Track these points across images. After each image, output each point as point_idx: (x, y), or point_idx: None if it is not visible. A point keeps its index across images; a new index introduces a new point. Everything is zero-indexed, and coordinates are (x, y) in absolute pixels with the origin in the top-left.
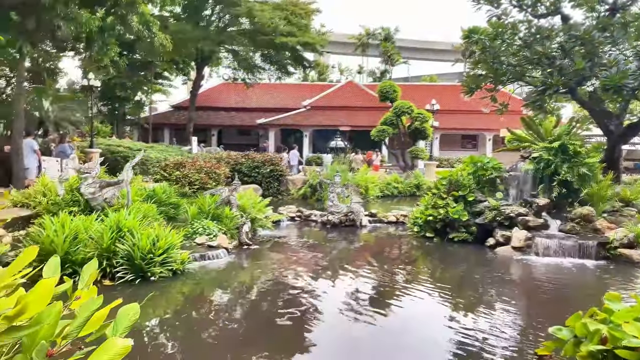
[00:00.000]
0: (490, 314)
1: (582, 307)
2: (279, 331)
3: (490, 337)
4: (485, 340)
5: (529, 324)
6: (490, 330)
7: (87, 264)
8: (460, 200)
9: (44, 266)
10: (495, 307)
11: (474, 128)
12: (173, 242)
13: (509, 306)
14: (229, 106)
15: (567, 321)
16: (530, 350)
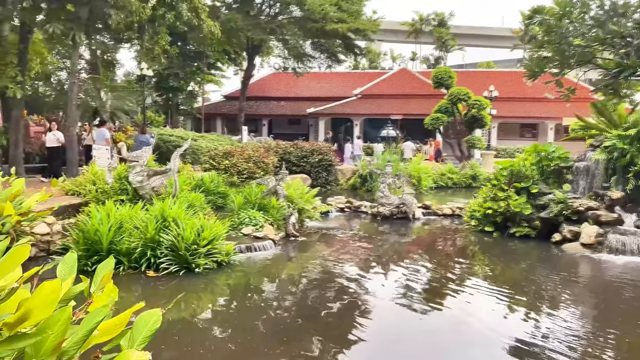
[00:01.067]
0: (554, 318)
1: None
2: (328, 323)
3: (551, 343)
4: (546, 346)
5: (599, 331)
6: (552, 336)
7: (103, 262)
8: (522, 193)
9: (60, 263)
10: (560, 310)
11: (535, 116)
12: (218, 232)
13: (577, 309)
14: (279, 96)
15: None
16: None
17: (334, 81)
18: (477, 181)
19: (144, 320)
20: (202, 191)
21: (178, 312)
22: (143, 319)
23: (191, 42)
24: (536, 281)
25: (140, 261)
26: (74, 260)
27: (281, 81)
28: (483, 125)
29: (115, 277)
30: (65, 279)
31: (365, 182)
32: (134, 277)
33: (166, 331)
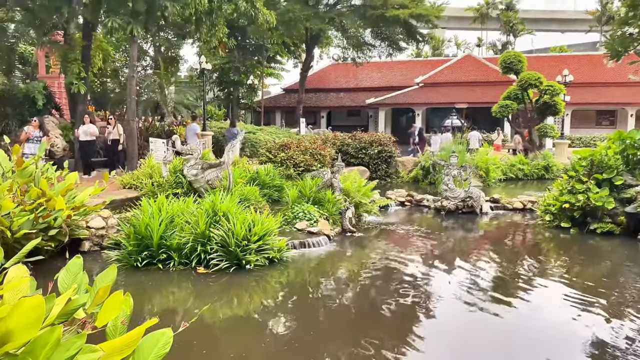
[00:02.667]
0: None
1: None
2: (388, 322)
3: (635, 349)
4: (628, 352)
5: None
6: (632, 345)
7: (104, 271)
8: (604, 185)
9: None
10: None
11: (614, 102)
12: (270, 227)
13: None
14: (338, 87)
15: None
16: None
17: (395, 70)
18: (550, 172)
19: (150, 343)
20: (257, 184)
21: (230, 309)
22: (149, 341)
23: (250, 36)
24: (620, 283)
25: (190, 257)
26: (79, 267)
27: (340, 72)
28: (556, 112)
29: (165, 273)
30: (67, 289)
31: (427, 174)
32: (184, 273)
33: (219, 330)
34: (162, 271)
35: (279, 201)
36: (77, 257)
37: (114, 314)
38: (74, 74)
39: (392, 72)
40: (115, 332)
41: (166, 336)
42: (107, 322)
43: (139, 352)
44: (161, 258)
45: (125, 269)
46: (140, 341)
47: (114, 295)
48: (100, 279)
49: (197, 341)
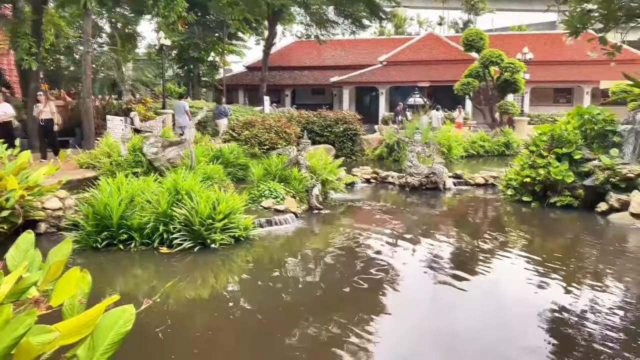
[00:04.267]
0: (597, 294)
1: None
2: (356, 297)
3: (590, 320)
4: (584, 324)
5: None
6: (592, 313)
7: (57, 246)
8: (564, 159)
9: None
10: (605, 286)
11: (571, 80)
12: (235, 206)
13: (622, 283)
14: (302, 65)
15: None
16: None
17: (359, 48)
18: (510, 149)
19: (111, 321)
20: (221, 163)
21: (196, 289)
22: (109, 319)
23: (211, 12)
24: (579, 254)
25: (152, 237)
26: (29, 243)
27: (304, 50)
28: (516, 90)
29: (127, 254)
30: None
31: (392, 151)
32: (146, 253)
33: (185, 310)
34: (123, 252)
35: (244, 180)
36: (27, 232)
37: (69, 292)
38: (24, 50)
39: (355, 50)
40: (72, 311)
41: (127, 313)
42: (64, 301)
43: (98, 330)
44: (122, 238)
45: (84, 250)
46: (99, 319)
47: (69, 272)
48: (54, 253)
49: (163, 321)
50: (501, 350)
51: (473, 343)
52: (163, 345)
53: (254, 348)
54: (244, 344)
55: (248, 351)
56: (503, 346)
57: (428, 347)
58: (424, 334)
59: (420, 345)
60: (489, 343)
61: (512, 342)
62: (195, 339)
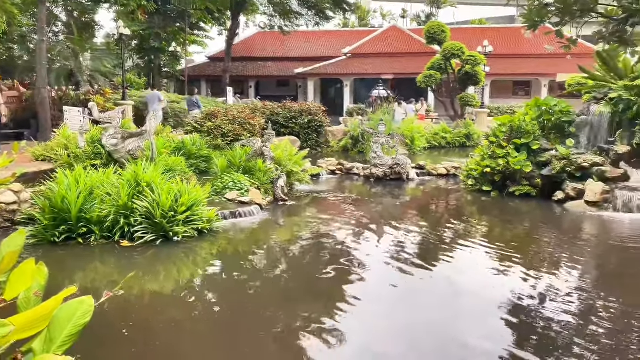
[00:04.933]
0: (555, 279)
1: None
2: (321, 288)
3: (547, 306)
4: (541, 310)
5: (600, 292)
6: (549, 299)
7: (10, 236)
8: (522, 149)
9: None
10: (562, 271)
11: (529, 73)
12: (198, 198)
13: (579, 270)
14: (266, 56)
15: None
16: (597, 321)
17: (323, 40)
18: (471, 140)
19: (68, 313)
20: (183, 155)
21: (158, 282)
22: (66, 311)
23: (172, 1)
24: (536, 241)
25: (113, 230)
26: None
27: (268, 41)
28: (477, 82)
29: (86, 248)
30: None
31: (357, 143)
32: (107, 247)
33: (147, 303)
34: (82, 246)
35: (207, 172)
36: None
37: (25, 284)
38: None
39: (320, 42)
40: (28, 304)
41: (86, 304)
42: (19, 294)
43: (55, 323)
44: (81, 232)
45: (41, 245)
46: (56, 312)
47: (24, 263)
48: (6, 244)
49: (125, 314)
50: (462, 337)
51: (435, 331)
52: (125, 338)
53: (218, 340)
54: (207, 336)
55: (212, 343)
56: (464, 334)
57: (391, 337)
58: (387, 324)
59: (384, 335)
60: (451, 331)
61: (472, 330)
62: (158, 332)
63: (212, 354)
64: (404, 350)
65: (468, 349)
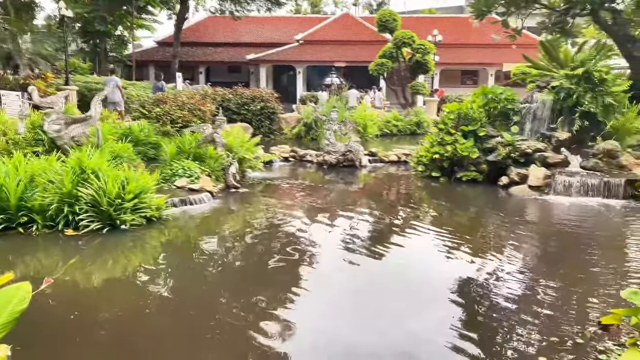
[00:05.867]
0: (499, 263)
1: (614, 253)
2: (274, 276)
3: (495, 286)
4: (487, 293)
5: (543, 271)
6: (494, 281)
7: None
8: (470, 136)
9: None
10: (507, 253)
11: (477, 63)
12: (146, 185)
13: (522, 251)
14: (216, 41)
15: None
16: (540, 300)
17: (275, 26)
18: (421, 128)
19: (4, 299)
20: (130, 141)
21: (105, 271)
22: (1, 298)
23: None
24: (483, 225)
25: (56, 219)
26: None
27: (218, 26)
28: (427, 71)
29: (28, 238)
30: None
31: (310, 130)
32: (50, 236)
33: (91, 294)
34: (23, 236)
35: (156, 159)
36: None
37: None
38: None
39: (272, 28)
40: None
41: (23, 291)
42: None
43: None
44: (22, 221)
45: None
46: None
47: None
48: None
49: (69, 303)
50: (412, 321)
51: (387, 315)
52: (68, 327)
53: (166, 329)
54: (155, 326)
55: (160, 333)
56: (414, 318)
57: (345, 322)
58: (341, 309)
59: (337, 321)
60: (402, 315)
61: (422, 314)
62: (103, 321)
63: (160, 344)
64: (355, 335)
65: (415, 332)
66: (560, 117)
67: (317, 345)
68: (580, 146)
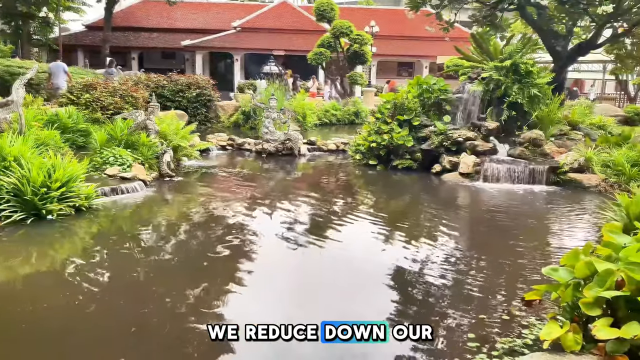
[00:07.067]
0: (433, 245)
1: (538, 235)
2: (212, 266)
3: (428, 268)
4: (422, 277)
5: (472, 253)
6: (430, 262)
7: None
8: (405, 125)
9: None
10: (439, 237)
11: (412, 55)
12: (74, 173)
13: (454, 235)
14: (150, 26)
15: (562, 259)
16: (471, 280)
17: (212, 12)
18: (359, 117)
19: None
20: (57, 128)
21: (29, 266)
22: None
23: None
24: (417, 211)
25: None
26: None
27: (152, 10)
28: (365, 61)
29: None
30: None
31: (248, 118)
32: None
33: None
34: None
35: (85, 147)
36: None
37: None
38: None
39: (208, 14)
40: None
41: None
42: None
43: None
44: None
45: None
46: None
47: None
48: None
49: None
50: (348, 306)
51: (324, 302)
52: None
53: (94, 323)
54: (82, 320)
55: (86, 326)
56: (350, 302)
57: (282, 310)
58: (279, 298)
59: (275, 310)
60: (339, 301)
61: (358, 299)
62: (25, 315)
63: (86, 337)
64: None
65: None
66: (490, 107)
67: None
68: (507, 135)
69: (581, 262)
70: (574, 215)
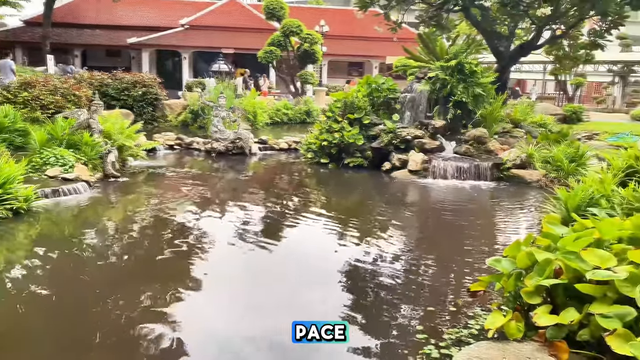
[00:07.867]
0: (384, 242)
1: (484, 229)
2: (162, 267)
3: (379, 265)
4: (374, 274)
5: (424, 250)
6: (381, 258)
7: None
8: (355, 124)
9: None
10: (389, 234)
11: (362, 55)
12: (11, 174)
13: (404, 231)
14: (93, 23)
15: (505, 250)
16: (420, 274)
17: (158, 9)
18: (311, 117)
19: None
20: None
21: None
22: None
23: None
24: (368, 208)
25: None
26: None
27: (95, 6)
28: (315, 60)
29: None
30: None
31: (197, 117)
32: None
33: None
34: None
35: (23, 147)
36: None
37: None
38: None
39: (155, 11)
40: None
41: None
42: None
43: None
44: None
45: None
46: None
47: None
48: None
49: None
50: (302, 303)
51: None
52: None
53: (36, 332)
54: (22, 329)
55: (26, 335)
56: (304, 300)
57: (235, 314)
58: (232, 302)
59: (229, 313)
60: (292, 298)
61: (312, 296)
62: None
63: (27, 347)
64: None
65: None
66: (437, 106)
67: (204, 337)
68: (454, 133)
69: (522, 253)
70: (518, 209)
